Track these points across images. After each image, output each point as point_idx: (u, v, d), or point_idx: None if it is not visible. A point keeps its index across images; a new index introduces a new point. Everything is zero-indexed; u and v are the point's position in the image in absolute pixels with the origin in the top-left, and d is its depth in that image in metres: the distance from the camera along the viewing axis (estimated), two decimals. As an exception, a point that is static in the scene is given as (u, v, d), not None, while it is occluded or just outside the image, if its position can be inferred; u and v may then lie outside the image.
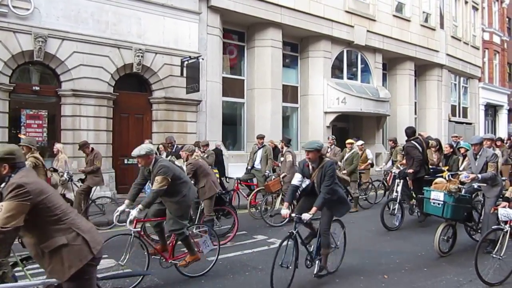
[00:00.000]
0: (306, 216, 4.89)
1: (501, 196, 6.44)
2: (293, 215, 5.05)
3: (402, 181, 8.61)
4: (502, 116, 30.30)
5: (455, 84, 25.45)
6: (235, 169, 12.91)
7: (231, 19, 14.69)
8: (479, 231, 6.90)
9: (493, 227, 5.38)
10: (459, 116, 25.56)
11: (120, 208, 5.14)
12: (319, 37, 16.79)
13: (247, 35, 15.80)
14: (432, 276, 5.51)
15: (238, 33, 15.80)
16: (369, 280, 5.34)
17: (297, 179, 5.35)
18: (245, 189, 10.91)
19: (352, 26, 17.70)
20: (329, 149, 10.85)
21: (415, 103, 22.49)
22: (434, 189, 6.82)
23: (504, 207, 5.20)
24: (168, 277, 5.49)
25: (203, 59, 12.79)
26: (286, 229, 8.35)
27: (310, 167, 5.30)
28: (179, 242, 5.48)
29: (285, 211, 5.22)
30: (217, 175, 10.47)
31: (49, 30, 10.45)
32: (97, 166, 8.83)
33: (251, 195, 9.89)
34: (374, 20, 18.68)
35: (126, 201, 5.24)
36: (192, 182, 7.08)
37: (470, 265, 5.73)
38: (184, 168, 7.05)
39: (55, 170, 6.80)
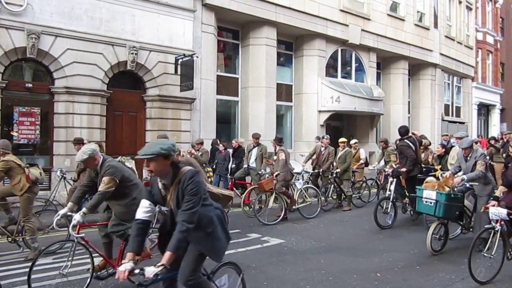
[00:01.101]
0: (149, 273, 2.99)
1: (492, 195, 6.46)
2: (136, 271, 3.02)
3: (395, 179, 8.65)
4: (495, 116, 30.54)
5: (448, 84, 25.59)
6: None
7: (226, 17, 14.66)
8: (471, 229, 6.93)
9: (485, 226, 5.39)
10: (452, 116, 25.71)
11: (62, 212, 4.78)
12: (313, 35, 16.81)
13: (242, 33, 15.79)
14: (424, 274, 5.55)
15: (232, 31, 15.77)
16: (362, 278, 5.37)
17: (142, 209, 3.33)
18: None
19: (347, 25, 17.73)
20: (322, 149, 10.86)
21: (409, 102, 22.59)
22: (427, 188, 6.81)
23: (494, 205, 5.22)
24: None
25: (197, 57, 12.76)
26: (280, 228, 8.41)
27: (161, 185, 3.38)
28: None
29: (123, 267, 3.03)
30: (211, 174, 10.49)
31: (42, 27, 10.38)
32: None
33: (245, 193, 9.90)
34: (369, 19, 18.73)
35: (69, 204, 4.84)
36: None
37: (463, 263, 5.80)
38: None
39: (33, 165, 6.65)
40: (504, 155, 10.72)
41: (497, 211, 5.09)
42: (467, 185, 6.87)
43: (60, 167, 9.83)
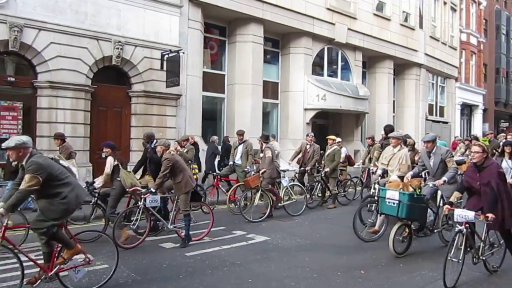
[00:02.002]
0: None
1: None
2: None
3: (379, 178, 8.68)
4: (477, 116, 31.02)
5: (432, 84, 25.91)
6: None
7: (213, 13, 14.59)
8: (435, 231, 6.80)
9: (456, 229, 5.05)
10: (436, 115, 26.05)
11: None
12: (300, 33, 16.84)
13: (229, 30, 15.74)
14: (407, 272, 5.61)
15: (219, 27, 15.71)
16: (346, 276, 5.40)
17: None
18: (225, 185, 10.88)
19: (333, 24, 17.80)
20: (308, 146, 10.88)
21: (394, 101, 22.82)
22: (390, 188, 6.56)
23: (450, 210, 5.09)
24: (145, 273, 5.44)
25: (183, 53, 12.67)
26: (265, 225, 8.42)
27: None
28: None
29: None
30: (196, 170, 10.43)
31: (25, 20, 10.19)
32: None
33: (231, 190, 9.88)
34: (355, 18, 18.83)
35: (0, 204, 4.44)
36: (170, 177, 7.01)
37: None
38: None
39: None
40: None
41: (463, 213, 4.88)
42: (430, 185, 6.65)
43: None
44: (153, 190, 6.82)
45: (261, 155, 9.55)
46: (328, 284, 5.12)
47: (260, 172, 9.07)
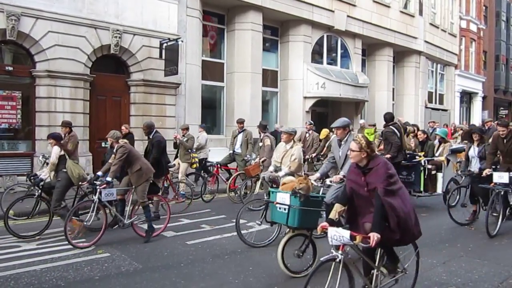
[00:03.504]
0: None
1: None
2: None
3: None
4: (477, 103, 30.98)
5: (432, 71, 25.83)
6: (215, 153, 12.85)
7: (211, 1, 14.47)
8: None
9: (321, 259, 3.54)
10: (435, 103, 26.00)
11: None
12: (299, 21, 16.72)
13: (227, 18, 15.62)
14: (407, 259, 5.63)
15: (218, 15, 15.59)
16: (347, 263, 5.41)
17: None
18: (225, 173, 10.90)
19: (333, 11, 17.67)
20: (307, 135, 10.88)
21: (393, 89, 22.75)
22: (281, 190, 5.28)
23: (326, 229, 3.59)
24: (147, 261, 5.47)
25: (182, 41, 12.60)
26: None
27: None
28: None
29: None
30: (196, 159, 10.43)
31: (22, 8, 10.10)
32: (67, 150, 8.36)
33: (231, 179, 9.90)
34: (354, 6, 18.69)
35: None
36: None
37: (444, 248, 5.94)
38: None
39: None
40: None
41: (338, 234, 3.44)
42: (327, 182, 5.60)
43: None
44: (109, 179, 6.28)
45: (260, 144, 9.55)
46: (328, 270, 5.14)
47: (260, 160, 9.08)
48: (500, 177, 6.80)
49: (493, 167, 7.24)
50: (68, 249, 5.85)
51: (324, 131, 11.12)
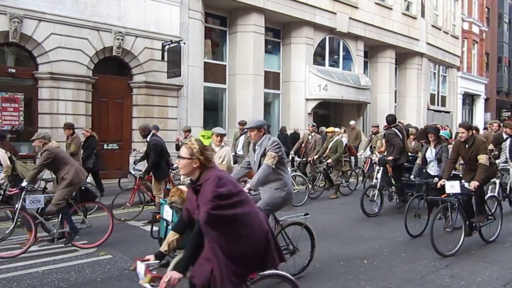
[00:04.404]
0: None
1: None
2: None
3: (381, 168, 8.70)
4: (479, 105, 30.93)
5: (434, 73, 25.80)
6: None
7: (213, 3, 14.48)
8: None
9: None
10: (438, 105, 25.97)
11: None
12: (301, 23, 16.73)
13: (229, 20, 15.63)
14: (410, 261, 5.62)
15: (220, 17, 15.61)
16: (349, 265, 5.42)
17: None
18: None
19: (335, 13, 17.68)
20: (309, 137, 10.87)
21: (395, 91, 22.73)
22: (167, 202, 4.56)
23: None
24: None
25: (184, 43, 12.62)
26: (267, 215, 8.42)
27: None
28: None
29: None
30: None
31: (25, 11, 10.13)
32: (70, 151, 8.24)
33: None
34: (357, 8, 18.70)
35: None
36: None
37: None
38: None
39: None
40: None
41: (141, 272, 2.85)
42: (245, 189, 4.27)
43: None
44: (23, 185, 5.71)
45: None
46: (331, 274, 5.13)
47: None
48: (452, 187, 5.90)
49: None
50: (70, 251, 5.85)
51: (330, 129, 11.09)
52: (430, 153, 7.30)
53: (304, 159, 10.88)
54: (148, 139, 7.74)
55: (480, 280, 4.93)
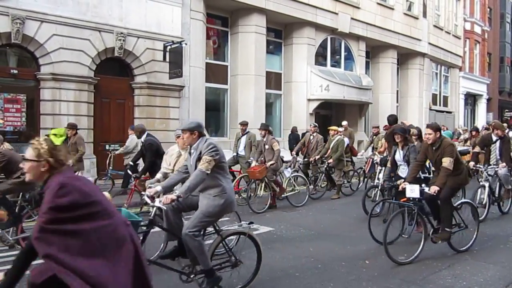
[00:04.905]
0: None
1: None
2: None
3: (383, 168, 8.70)
4: (481, 106, 30.89)
5: (436, 73, 25.77)
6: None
7: (215, 3, 14.50)
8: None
9: None
10: (440, 105, 25.93)
11: None
12: (303, 23, 16.73)
13: (231, 21, 15.64)
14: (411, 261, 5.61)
15: (221, 18, 15.61)
16: (351, 266, 5.41)
17: None
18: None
19: (336, 13, 17.67)
20: (311, 137, 10.87)
21: (397, 91, 22.71)
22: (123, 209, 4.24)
23: None
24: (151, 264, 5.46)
25: (186, 44, 12.63)
26: (269, 216, 8.44)
27: None
28: None
29: None
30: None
31: (27, 12, 10.15)
32: (82, 152, 8.79)
33: (234, 181, 9.87)
34: (358, 8, 18.69)
35: None
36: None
37: (449, 251, 5.89)
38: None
39: None
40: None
41: None
42: (157, 204, 4.04)
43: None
44: None
45: (266, 146, 9.44)
46: (332, 274, 5.13)
47: (268, 164, 9.02)
48: (412, 191, 5.54)
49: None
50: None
51: (333, 127, 11.07)
52: (399, 155, 6.95)
53: (306, 159, 10.88)
54: (143, 139, 7.84)
55: (482, 280, 4.92)
